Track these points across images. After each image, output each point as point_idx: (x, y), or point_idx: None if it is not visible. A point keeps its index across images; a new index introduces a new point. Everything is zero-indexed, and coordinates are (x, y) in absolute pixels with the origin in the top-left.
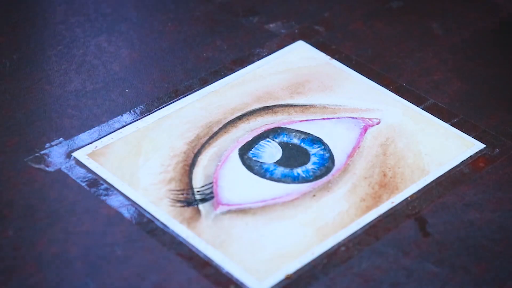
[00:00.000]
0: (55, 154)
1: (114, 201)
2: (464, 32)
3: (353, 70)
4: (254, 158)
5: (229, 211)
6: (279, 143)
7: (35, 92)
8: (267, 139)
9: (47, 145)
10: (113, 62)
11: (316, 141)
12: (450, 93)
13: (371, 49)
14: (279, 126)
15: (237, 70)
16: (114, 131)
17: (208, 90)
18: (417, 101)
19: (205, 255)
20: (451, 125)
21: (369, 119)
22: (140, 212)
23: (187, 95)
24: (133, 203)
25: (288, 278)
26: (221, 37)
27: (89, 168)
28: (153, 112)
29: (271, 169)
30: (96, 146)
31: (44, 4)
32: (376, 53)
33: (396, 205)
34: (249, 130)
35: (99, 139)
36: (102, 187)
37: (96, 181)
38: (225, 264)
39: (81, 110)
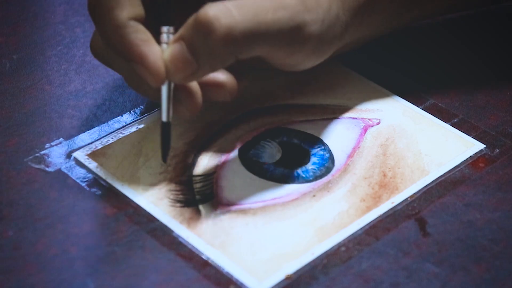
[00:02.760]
0: (55, 154)
1: (114, 201)
2: (464, 32)
3: (353, 70)
4: (254, 158)
5: (229, 211)
6: (279, 143)
7: (35, 92)
8: (267, 139)
9: (47, 145)
10: None
11: (316, 141)
12: (450, 93)
13: (371, 49)
14: (279, 126)
15: None
16: (114, 131)
17: None
18: (417, 101)
19: (205, 256)
20: (451, 125)
21: (369, 119)
22: (140, 212)
23: None
24: (133, 203)
25: (288, 278)
26: None
27: (89, 168)
28: (153, 112)
29: (271, 169)
30: (96, 146)
31: (44, 4)
32: (376, 53)
33: (396, 205)
34: (249, 130)
35: (99, 139)
36: (102, 187)
37: (96, 181)
38: (225, 264)
39: (81, 110)
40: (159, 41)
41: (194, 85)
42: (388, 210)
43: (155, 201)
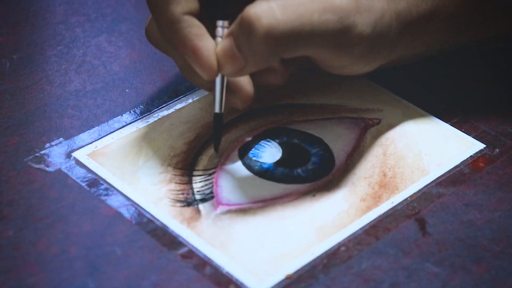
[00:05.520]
0: (55, 154)
1: (114, 201)
2: None
3: None
4: (254, 158)
5: (229, 211)
6: (279, 143)
7: (35, 92)
8: (267, 139)
9: (47, 145)
10: (113, 62)
11: (316, 141)
12: (450, 93)
13: None
14: (279, 126)
15: None
16: (114, 131)
17: None
18: (417, 101)
19: (205, 255)
20: (451, 125)
21: (369, 119)
22: (140, 212)
23: (187, 95)
24: (133, 203)
25: (288, 278)
26: None
27: (89, 168)
28: (153, 112)
29: (271, 169)
30: (96, 146)
31: (44, 4)
32: None
33: (396, 205)
34: (249, 130)
35: (99, 139)
36: (102, 187)
37: (96, 181)
38: (225, 264)
39: (81, 110)
40: (214, 35)
41: (245, 76)
42: (388, 210)
43: (155, 201)
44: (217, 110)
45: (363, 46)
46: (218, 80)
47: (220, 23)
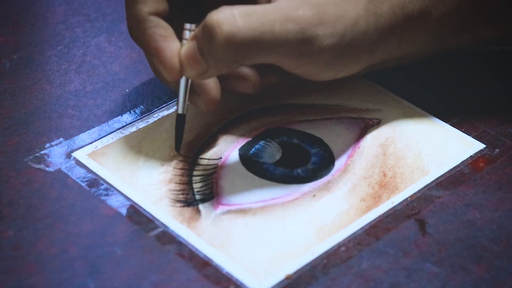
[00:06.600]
0: (55, 154)
1: (114, 201)
2: None
3: None
4: (254, 158)
5: (229, 211)
6: (279, 143)
7: (35, 92)
8: (267, 139)
9: (47, 145)
10: (113, 62)
11: (316, 141)
12: (450, 93)
13: None
14: (279, 126)
15: None
16: (114, 131)
17: None
18: (417, 101)
19: (205, 255)
20: (451, 125)
21: (369, 119)
22: (140, 212)
23: None
24: (133, 203)
25: (288, 278)
26: None
27: (89, 168)
28: (153, 112)
29: (271, 169)
30: (96, 146)
31: (44, 4)
32: None
33: (396, 205)
34: (249, 130)
35: (99, 139)
36: (102, 187)
37: (96, 181)
38: (225, 264)
39: (81, 110)
40: (182, 37)
41: (213, 79)
42: (388, 210)
43: (155, 201)
44: (179, 111)
45: (326, 57)
46: (182, 82)
47: (187, 26)
